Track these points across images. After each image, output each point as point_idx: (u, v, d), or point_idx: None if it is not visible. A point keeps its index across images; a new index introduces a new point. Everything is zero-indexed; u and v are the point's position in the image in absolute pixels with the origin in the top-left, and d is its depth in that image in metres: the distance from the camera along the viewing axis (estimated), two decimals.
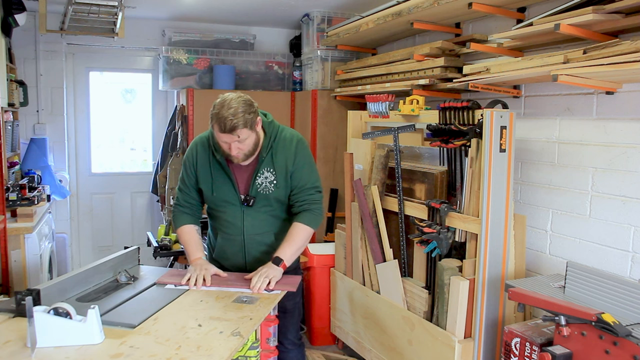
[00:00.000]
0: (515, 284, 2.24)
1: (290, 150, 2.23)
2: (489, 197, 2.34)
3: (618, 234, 2.29)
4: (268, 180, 2.21)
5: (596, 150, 2.38)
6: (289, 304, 2.30)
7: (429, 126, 2.70)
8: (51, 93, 4.57)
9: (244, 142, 2.09)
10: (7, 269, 3.19)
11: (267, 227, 2.28)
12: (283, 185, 2.23)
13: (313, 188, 2.28)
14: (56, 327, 1.55)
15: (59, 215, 4.69)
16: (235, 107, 2.02)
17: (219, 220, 2.32)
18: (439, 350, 2.50)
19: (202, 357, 1.51)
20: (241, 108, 2.02)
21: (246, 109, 2.04)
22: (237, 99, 2.06)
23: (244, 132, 2.05)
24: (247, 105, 2.06)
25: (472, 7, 2.60)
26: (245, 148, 2.11)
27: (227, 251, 2.34)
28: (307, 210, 2.24)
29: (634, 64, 1.84)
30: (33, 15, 4.11)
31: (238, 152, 2.11)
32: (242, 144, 2.09)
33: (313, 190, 2.28)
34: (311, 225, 2.23)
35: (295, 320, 2.44)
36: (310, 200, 2.26)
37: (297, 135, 2.31)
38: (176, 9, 4.36)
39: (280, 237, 2.27)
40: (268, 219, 2.27)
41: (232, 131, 2.02)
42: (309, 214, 2.24)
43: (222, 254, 2.36)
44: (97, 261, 2.19)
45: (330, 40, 4.07)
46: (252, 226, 2.26)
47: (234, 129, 2.02)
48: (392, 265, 2.86)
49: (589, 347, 1.77)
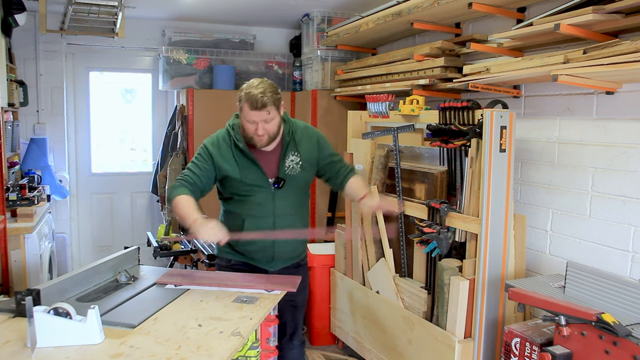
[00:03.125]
0: (515, 284, 2.24)
1: (311, 135, 2.41)
2: (489, 197, 2.34)
3: (618, 234, 2.29)
4: (294, 162, 2.32)
5: (596, 150, 2.38)
6: (299, 298, 2.40)
7: (429, 126, 2.70)
8: (51, 93, 4.57)
9: (271, 122, 2.19)
10: (7, 269, 3.19)
11: (295, 209, 2.38)
12: (308, 167, 2.36)
13: (341, 160, 2.49)
14: (56, 327, 1.55)
15: (59, 215, 4.70)
16: (264, 87, 2.16)
17: (246, 205, 2.31)
18: (439, 350, 2.50)
19: (202, 357, 1.51)
20: (270, 88, 2.17)
21: (274, 90, 2.19)
22: (264, 80, 2.21)
23: (273, 111, 2.17)
24: (273, 87, 2.21)
25: (472, 7, 2.60)
26: (270, 129, 2.21)
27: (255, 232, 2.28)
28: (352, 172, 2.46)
29: (634, 64, 1.84)
30: (33, 15, 4.11)
31: (264, 133, 2.19)
32: (268, 125, 2.19)
33: (343, 162, 2.49)
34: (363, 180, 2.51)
35: (302, 316, 2.52)
36: (348, 167, 2.47)
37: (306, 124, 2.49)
38: (176, 9, 4.36)
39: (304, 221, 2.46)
40: (295, 202, 2.38)
41: (262, 107, 2.14)
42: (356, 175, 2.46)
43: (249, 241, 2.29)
44: (97, 261, 2.18)
45: (330, 40, 4.08)
46: (282, 208, 2.32)
47: (265, 106, 2.14)
48: (381, 265, 2.89)
49: (589, 347, 1.77)
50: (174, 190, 2.23)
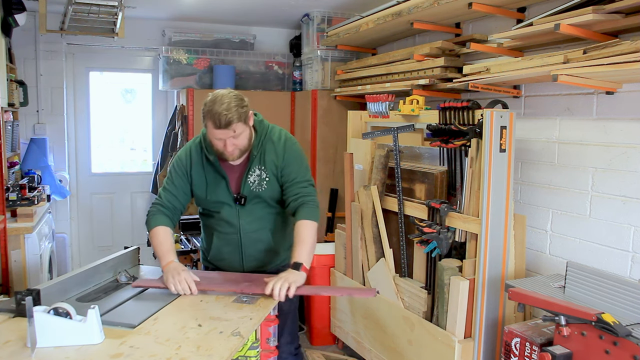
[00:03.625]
0: (515, 284, 2.24)
1: (279, 147, 2.22)
2: (489, 197, 2.34)
3: (618, 234, 2.29)
4: (260, 177, 2.19)
5: (596, 150, 2.38)
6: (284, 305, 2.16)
7: (429, 126, 2.70)
8: (51, 93, 4.57)
9: (239, 137, 2.07)
10: (7, 269, 3.18)
11: (263, 224, 2.26)
12: (274, 182, 2.22)
13: (305, 181, 2.24)
14: (56, 327, 1.55)
15: (59, 215, 4.70)
16: (228, 102, 2.01)
17: (214, 220, 2.30)
18: (439, 350, 2.49)
19: (202, 357, 1.51)
20: (234, 102, 2.02)
21: (239, 103, 2.03)
22: (228, 94, 2.05)
23: (239, 127, 2.04)
24: (238, 99, 2.05)
25: (472, 7, 2.60)
26: (240, 143, 2.09)
27: (223, 251, 2.31)
28: (303, 204, 2.18)
29: (634, 64, 1.84)
30: (33, 15, 4.11)
31: (233, 149, 2.08)
32: (237, 140, 2.07)
33: (305, 184, 2.24)
34: (313, 219, 2.16)
35: (291, 324, 2.37)
36: (303, 194, 2.21)
37: (285, 133, 2.29)
38: (176, 9, 4.36)
39: (277, 233, 2.28)
40: (263, 216, 2.26)
41: (227, 126, 2.00)
42: (306, 208, 2.18)
43: (217, 254, 2.34)
44: (97, 261, 2.18)
45: (330, 40, 4.07)
46: (248, 224, 2.24)
47: (230, 124, 2.00)
48: (381, 265, 2.89)
49: (589, 347, 1.77)
50: (152, 219, 2.22)
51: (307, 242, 2.11)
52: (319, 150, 4.22)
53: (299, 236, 2.12)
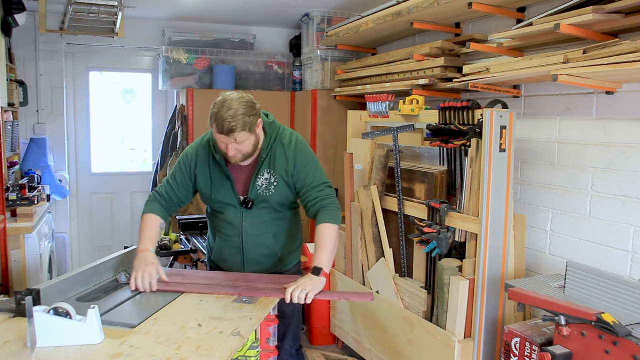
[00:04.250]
0: (515, 284, 2.24)
1: (290, 152, 2.17)
2: (489, 197, 2.34)
3: (618, 234, 2.29)
4: (268, 182, 2.15)
5: (596, 150, 2.38)
6: (287, 308, 2.16)
7: (429, 126, 2.70)
8: (51, 93, 4.57)
9: (242, 144, 2.03)
10: (7, 269, 3.19)
11: (266, 228, 2.23)
12: (283, 186, 2.17)
13: (321, 184, 2.18)
14: (56, 327, 1.55)
15: (59, 215, 4.70)
16: (236, 108, 1.96)
17: (218, 220, 2.29)
18: (439, 350, 2.49)
19: (202, 357, 1.51)
20: (242, 110, 1.96)
21: (247, 111, 1.98)
22: (238, 99, 1.99)
23: (242, 135, 1.99)
24: (248, 107, 1.99)
25: (472, 7, 2.60)
26: (243, 150, 2.05)
27: (225, 252, 2.30)
28: (323, 207, 2.14)
29: (634, 64, 1.84)
30: (33, 15, 4.11)
31: (235, 154, 2.05)
32: (240, 146, 2.03)
33: (322, 187, 2.18)
34: (333, 222, 2.11)
35: (294, 327, 2.34)
36: (322, 197, 2.16)
37: (296, 135, 2.25)
38: (176, 9, 4.36)
39: (281, 239, 2.25)
40: (268, 221, 2.22)
41: (229, 133, 1.97)
42: (326, 212, 2.13)
43: (220, 255, 2.33)
44: (97, 261, 2.18)
45: (330, 40, 4.08)
46: (252, 227, 2.21)
47: (232, 132, 1.96)
48: (381, 265, 2.89)
49: (589, 347, 1.77)
50: (147, 205, 2.28)
51: (327, 246, 2.07)
52: (319, 150, 4.22)
53: (320, 240, 2.08)
